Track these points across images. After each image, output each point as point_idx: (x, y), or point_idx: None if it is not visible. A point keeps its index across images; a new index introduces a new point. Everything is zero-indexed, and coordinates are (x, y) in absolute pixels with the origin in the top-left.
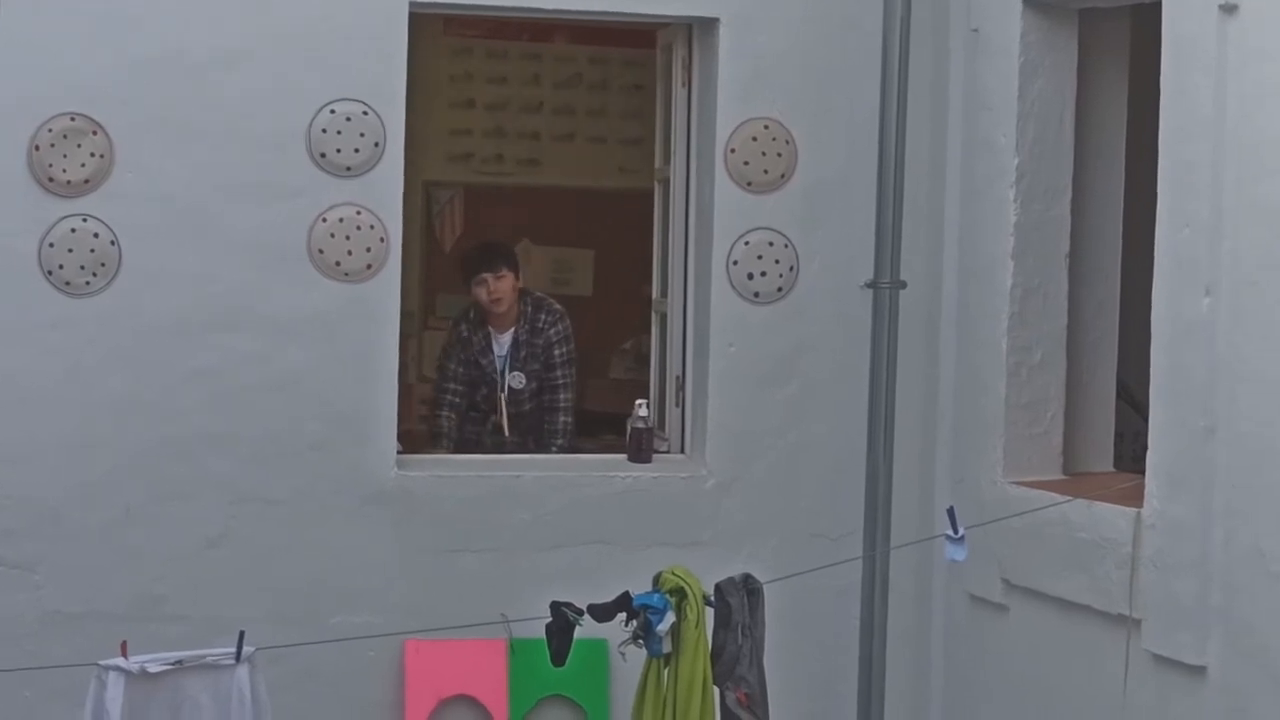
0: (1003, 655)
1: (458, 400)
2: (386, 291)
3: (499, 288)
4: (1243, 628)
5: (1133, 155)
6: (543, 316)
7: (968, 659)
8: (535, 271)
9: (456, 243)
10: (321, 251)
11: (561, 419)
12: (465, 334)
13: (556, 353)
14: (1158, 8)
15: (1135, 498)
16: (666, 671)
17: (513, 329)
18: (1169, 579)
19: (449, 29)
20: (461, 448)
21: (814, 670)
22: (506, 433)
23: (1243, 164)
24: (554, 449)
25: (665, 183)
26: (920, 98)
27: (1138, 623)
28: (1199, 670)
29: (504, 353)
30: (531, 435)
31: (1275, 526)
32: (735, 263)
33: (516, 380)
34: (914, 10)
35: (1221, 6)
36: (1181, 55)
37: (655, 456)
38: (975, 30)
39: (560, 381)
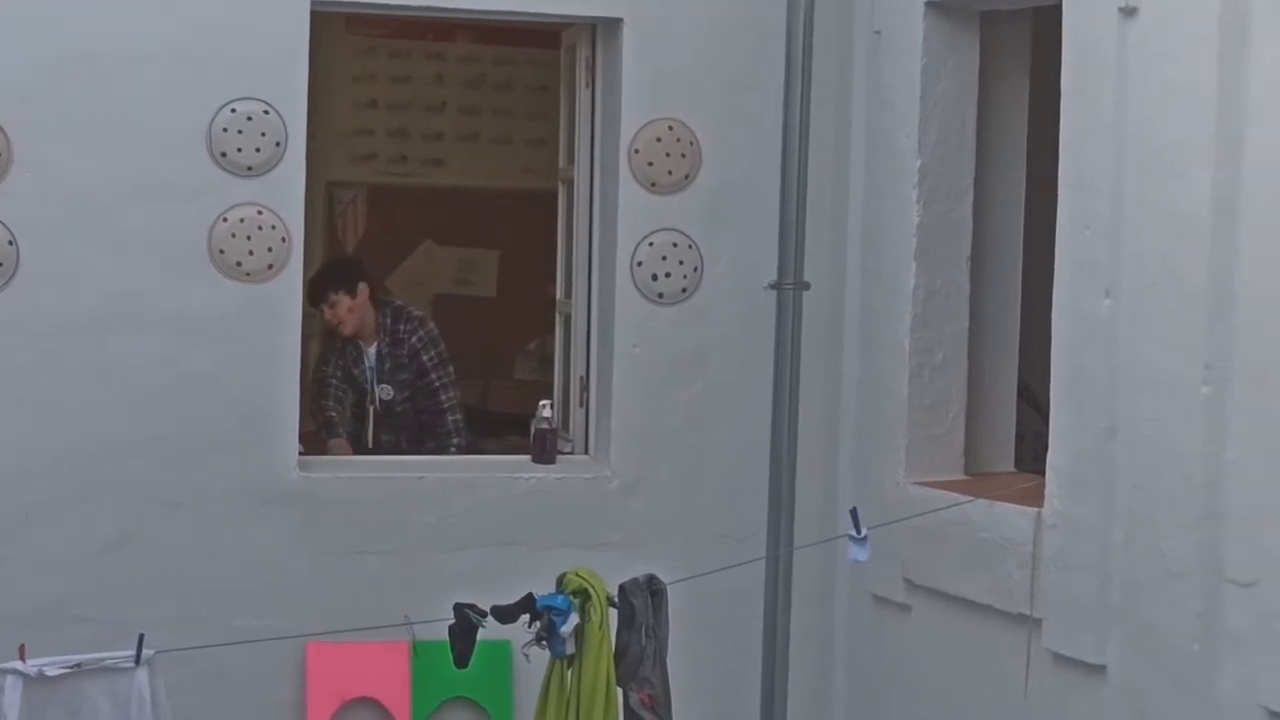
0: (905, 655)
1: (341, 394)
2: (288, 292)
3: (334, 315)
4: (1142, 627)
5: (1034, 157)
6: (402, 326)
7: (870, 659)
8: (439, 272)
9: (359, 243)
10: (222, 251)
11: (449, 419)
12: (339, 344)
13: (424, 358)
14: (1059, 10)
15: (1036, 498)
16: (570, 673)
17: (376, 343)
18: (1069, 579)
19: (351, 28)
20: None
21: (717, 671)
22: (370, 444)
23: (1143, 166)
24: (452, 449)
25: (569, 183)
26: (824, 99)
27: (1038, 622)
28: (1099, 669)
29: (372, 364)
30: (406, 436)
31: (1174, 527)
32: (639, 263)
33: (385, 393)
34: (817, 12)
35: (1121, 9)
36: (1082, 58)
37: (559, 457)
38: (878, 32)
39: (437, 384)
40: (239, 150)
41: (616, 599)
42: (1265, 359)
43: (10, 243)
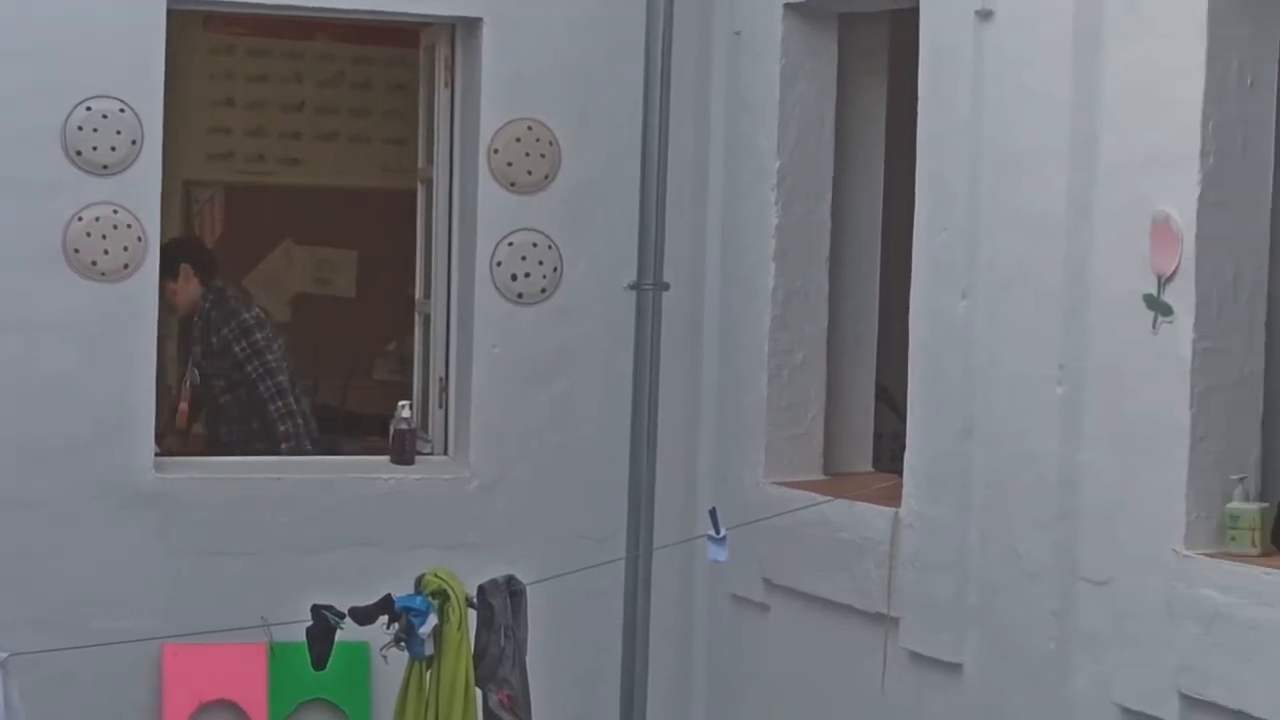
0: (764, 654)
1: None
2: (144, 292)
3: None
4: (998, 626)
5: (892, 159)
6: (214, 314)
7: (730, 658)
8: (298, 272)
9: (217, 242)
10: (78, 251)
11: (271, 409)
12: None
13: (236, 349)
14: (916, 13)
15: (894, 498)
16: (429, 674)
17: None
18: (926, 578)
19: (209, 26)
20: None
21: (577, 671)
22: (178, 423)
23: (999, 169)
24: (283, 448)
25: (428, 183)
26: (683, 99)
27: (896, 621)
28: (955, 668)
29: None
30: (237, 431)
31: (1030, 526)
32: (499, 264)
33: (194, 377)
34: (676, 12)
35: (978, 13)
36: (938, 61)
37: (418, 458)
38: (737, 33)
39: (254, 376)
40: (94, 149)
41: (475, 600)
42: (1119, 360)
43: None
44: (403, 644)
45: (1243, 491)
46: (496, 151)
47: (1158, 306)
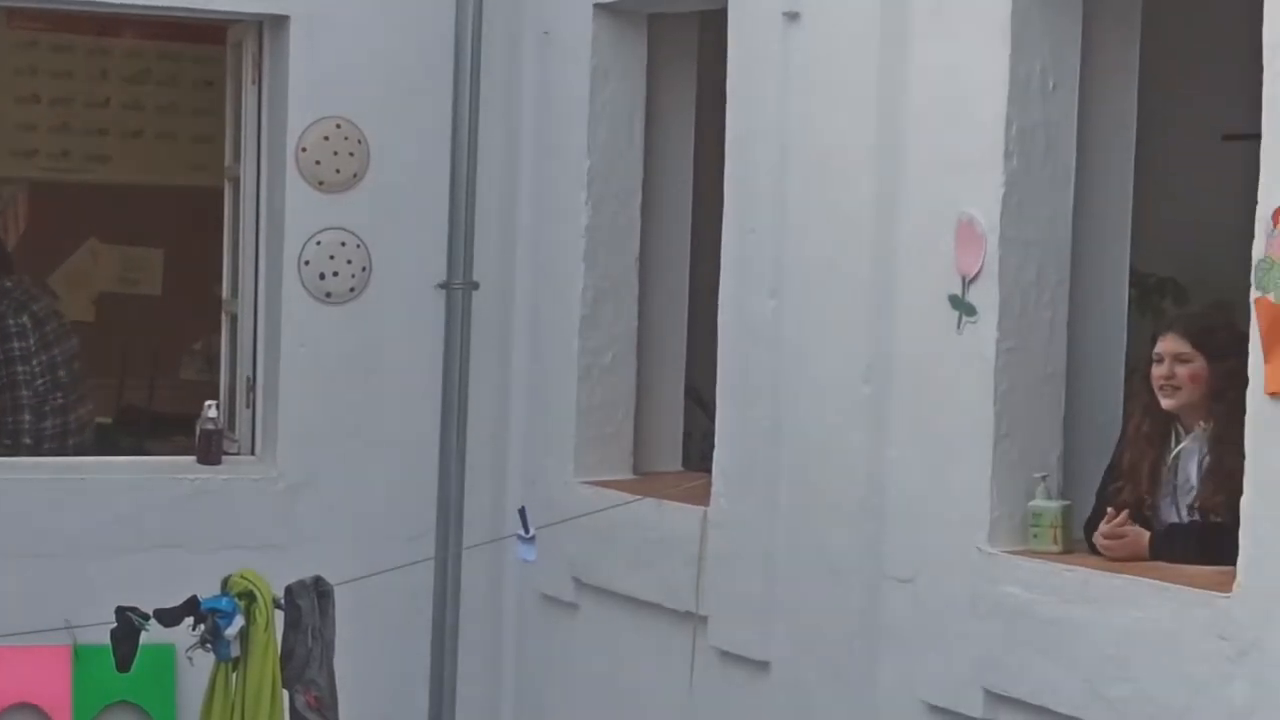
0: (574, 653)
1: None
2: None
3: None
4: (805, 623)
5: (701, 159)
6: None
7: (539, 658)
8: (103, 270)
9: (21, 240)
10: None
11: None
12: None
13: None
14: (725, 14)
15: (703, 496)
16: (235, 676)
17: None
18: (734, 576)
19: (12, 22)
20: None
21: (385, 671)
22: None
23: (806, 168)
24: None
25: (236, 181)
26: (493, 99)
27: (704, 619)
28: (763, 665)
29: None
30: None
31: (836, 525)
32: (307, 262)
33: None
34: (486, 11)
35: (785, 14)
36: (747, 61)
37: (225, 458)
38: (547, 33)
39: (3, 382)
40: None
41: (282, 601)
42: (924, 359)
43: None
44: (209, 646)
45: (1045, 490)
46: (304, 150)
47: (962, 307)
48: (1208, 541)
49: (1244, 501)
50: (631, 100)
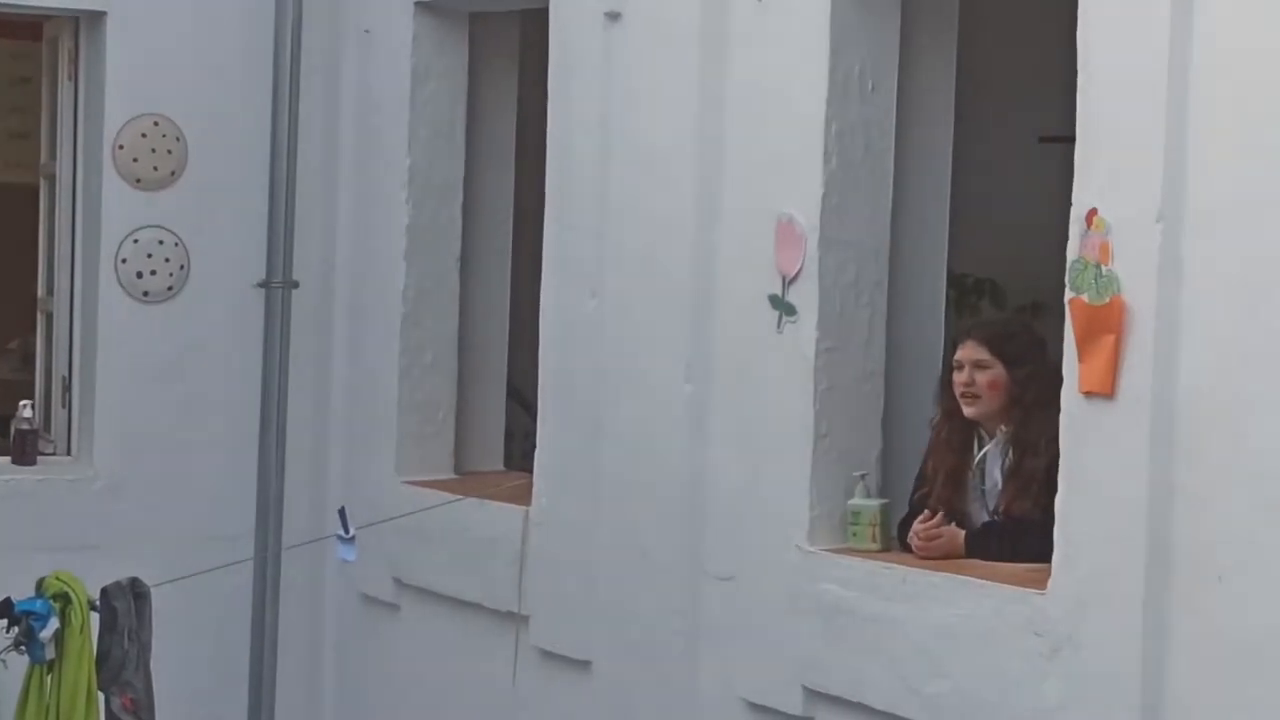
0: (395, 654)
1: None
2: None
3: None
4: (626, 623)
5: (523, 158)
6: None
7: (360, 659)
8: None
9: None
10: None
11: None
12: None
13: None
14: (546, 13)
15: (524, 496)
16: (50, 678)
17: None
18: (556, 576)
19: None
20: None
21: (204, 674)
22: None
23: (627, 169)
24: None
25: (51, 179)
26: (313, 97)
27: (526, 619)
28: (584, 665)
29: None
30: None
31: (657, 524)
32: (124, 261)
33: None
34: (306, 9)
35: (607, 14)
36: (568, 60)
37: (40, 458)
38: (368, 31)
39: None
40: None
41: (98, 602)
42: (745, 359)
43: None
44: (23, 648)
45: (864, 488)
46: (121, 147)
47: (782, 306)
48: (1022, 540)
49: (1058, 500)
50: (452, 99)
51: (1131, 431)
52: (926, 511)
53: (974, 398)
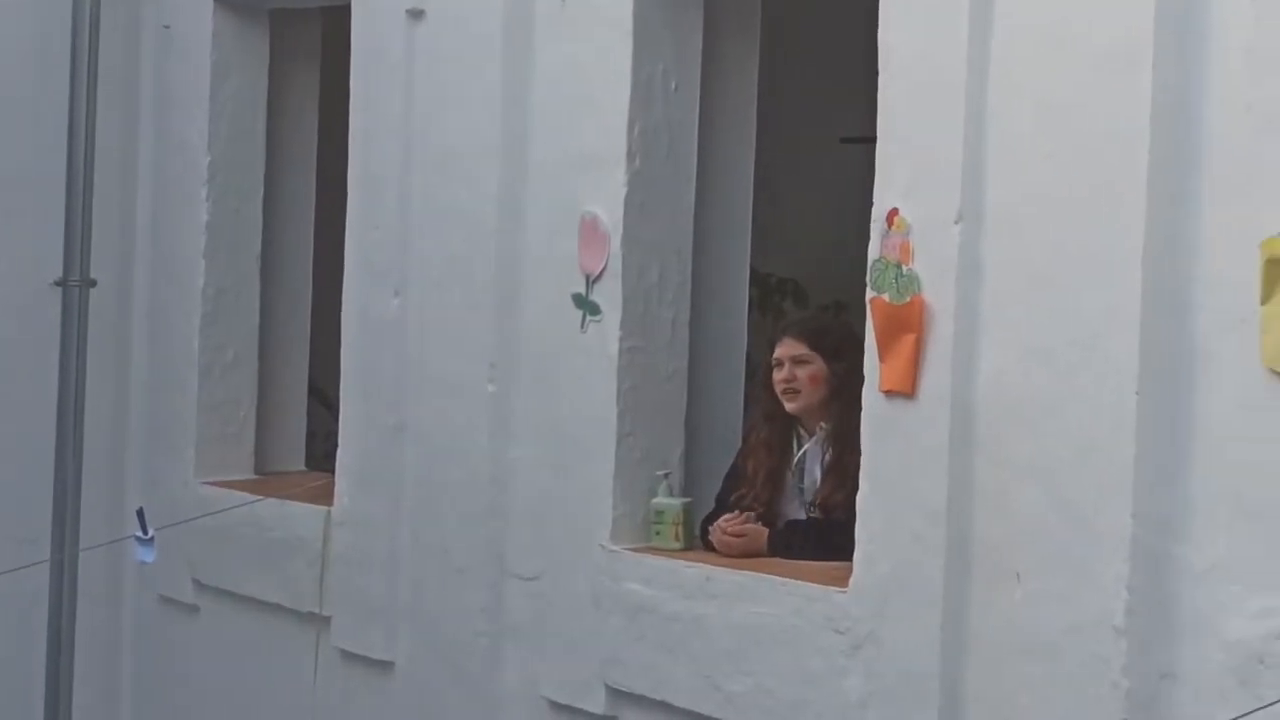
0: (194, 656)
1: None
2: None
3: None
4: (429, 622)
5: (325, 156)
6: None
7: (158, 661)
8: None
9: None
10: None
11: None
12: None
13: None
14: (348, 10)
15: (326, 496)
16: None
17: None
18: (358, 576)
19: None
20: None
21: (1, 676)
22: None
23: (430, 167)
24: None
25: None
26: (111, 93)
27: (327, 620)
28: (387, 665)
29: None
30: None
31: (460, 523)
32: None
33: None
34: (104, 4)
35: (409, 12)
36: (370, 58)
37: None
38: (167, 27)
39: None
40: None
41: None
42: (548, 358)
43: None
44: None
45: (667, 487)
46: None
47: (586, 306)
48: (824, 538)
49: (859, 497)
50: (253, 96)
51: (931, 430)
52: (736, 512)
53: (795, 393)
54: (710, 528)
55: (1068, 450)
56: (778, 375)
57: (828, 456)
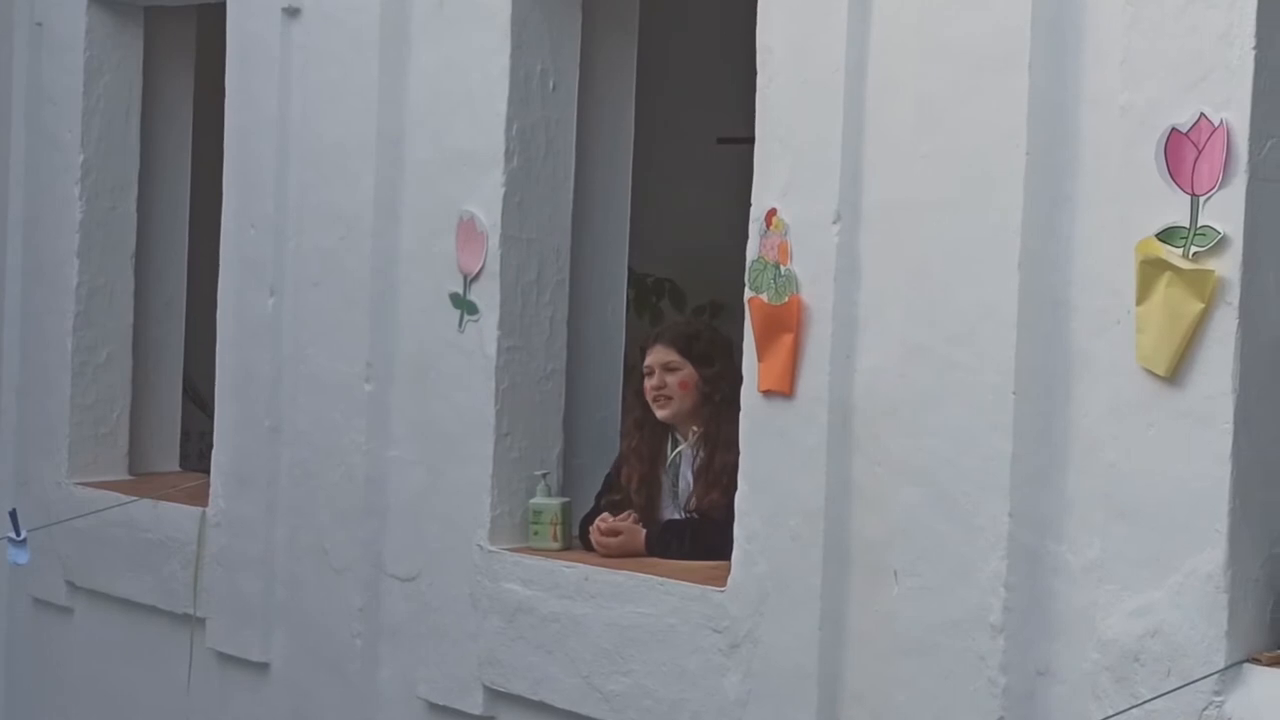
0: (68, 658)
1: None
2: None
3: None
4: (305, 623)
5: (201, 154)
6: None
7: (31, 663)
8: None
9: None
10: None
11: None
12: None
13: None
14: (224, 8)
15: (201, 497)
16: None
17: None
18: (234, 577)
19: None
20: None
21: None
22: None
23: (307, 165)
24: None
25: None
26: None
27: (202, 621)
28: (262, 667)
29: None
30: None
31: (337, 524)
32: None
33: None
34: None
35: (285, 9)
36: (246, 56)
37: None
38: (39, 24)
39: None
40: None
41: None
42: (426, 357)
43: None
44: None
45: (545, 487)
46: None
47: (464, 305)
48: (702, 538)
49: (738, 497)
50: (128, 94)
51: (809, 430)
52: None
53: (667, 399)
54: (590, 528)
55: (945, 449)
56: (649, 383)
57: (699, 460)
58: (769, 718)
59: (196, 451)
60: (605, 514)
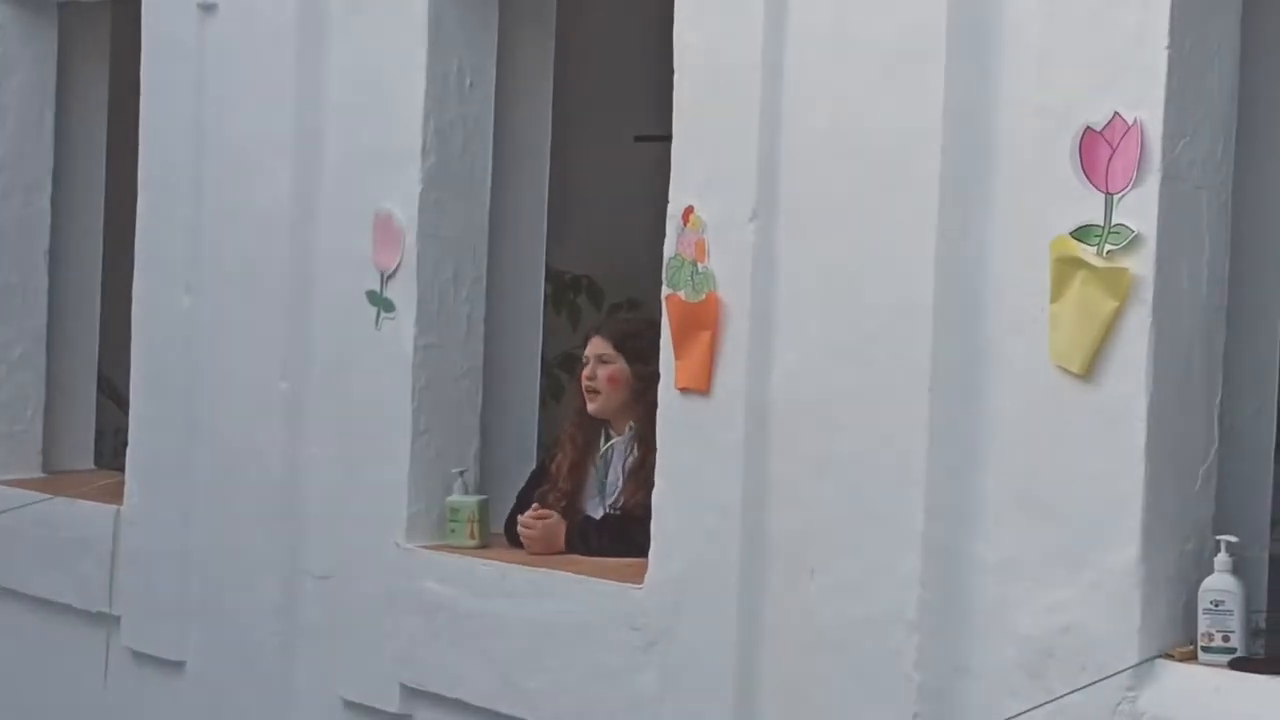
0: None
1: None
2: None
3: None
4: (221, 622)
5: (116, 151)
6: None
7: None
8: None
9: None
10: None
11: None
12: None
13: None
14: (139, 4)
15: (116, 495)
16: None
17: None
18: (149, 575)
19: None
20: None
21: None
22: None
23: (223, 163)
24: None
25: None
26: None
27: (117, 619)
28: (178, 665)
29: None
30: None
31: (253, 522)
32: None
33: None
34: None
35: (201, 5)
36: (161, 52)
37: None
38: None
39: None
40: None
41: None
42: (343, 355)
43: None
44: None
45: (462, 485)
46: None
47: (380, 303)
48: (622, 534)
49: (655, 494)
50: (41, 90)
51: (726, 427)
52: (536, 504)
53: (595, 392)
54: (520, 518)
55: (861, 446)
56: (584, 373)
57: (632, 458)
58: (686, 715)
59: (111, 449)
60: (535, 505)
